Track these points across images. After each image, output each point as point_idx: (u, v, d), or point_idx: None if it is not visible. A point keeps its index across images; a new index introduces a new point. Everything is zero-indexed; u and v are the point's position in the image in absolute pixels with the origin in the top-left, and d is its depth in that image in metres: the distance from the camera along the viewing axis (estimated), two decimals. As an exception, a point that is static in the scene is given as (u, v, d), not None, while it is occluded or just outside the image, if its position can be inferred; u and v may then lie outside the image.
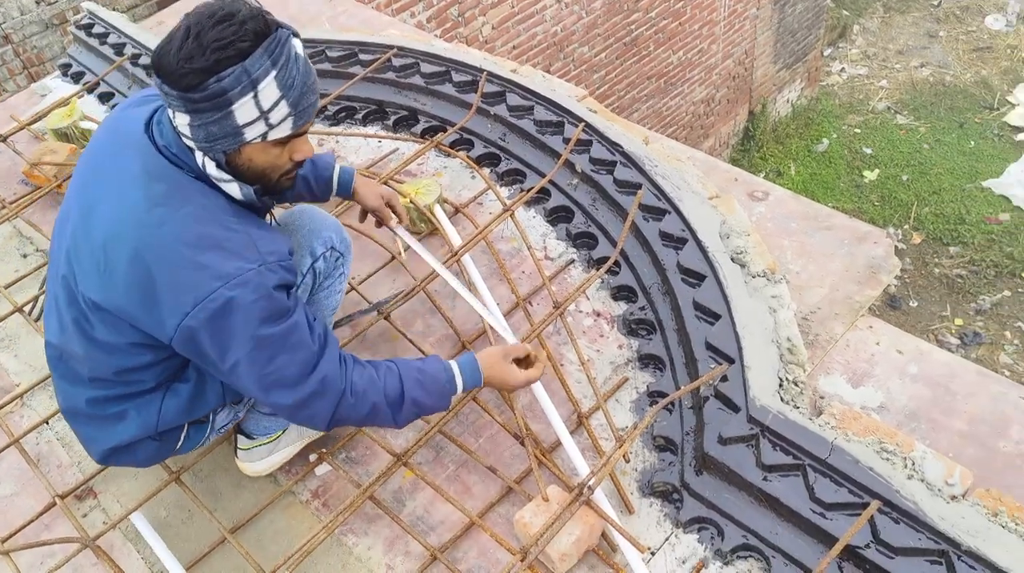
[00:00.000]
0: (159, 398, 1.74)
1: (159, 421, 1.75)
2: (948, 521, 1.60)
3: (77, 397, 1.75)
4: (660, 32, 7.76)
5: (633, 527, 1.85)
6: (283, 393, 1.62)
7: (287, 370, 1.59)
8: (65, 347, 1.72)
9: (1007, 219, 8.38)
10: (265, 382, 1.59)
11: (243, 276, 1.51)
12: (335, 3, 3.79)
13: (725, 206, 2.34)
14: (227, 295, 1.50)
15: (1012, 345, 7.38)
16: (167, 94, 1.49)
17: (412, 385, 1.76)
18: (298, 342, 1.60)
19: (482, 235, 2.47)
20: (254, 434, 2.00)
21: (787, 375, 1.93)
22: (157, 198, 1.55)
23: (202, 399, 1.79)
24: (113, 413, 1.74)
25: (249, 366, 1.57)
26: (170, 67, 1.45)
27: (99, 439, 1.78)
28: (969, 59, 10.63)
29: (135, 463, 1.88)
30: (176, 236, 1.52)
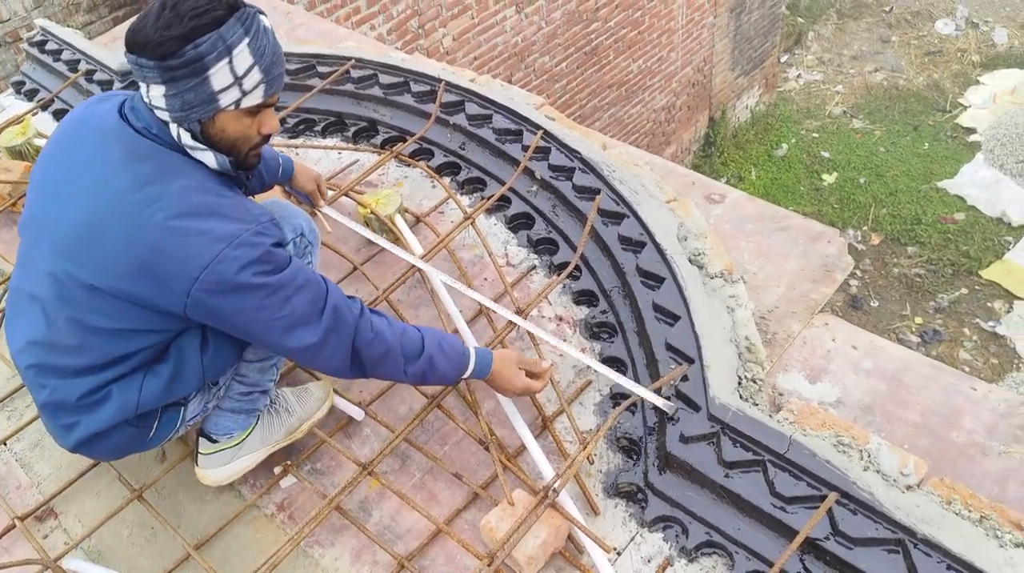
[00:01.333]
0: (139, 379, 1.75)
1: (139, 402, 1.74)
2: (904, 510, 1.64)
3: (67, 390, 1.72)
4: (620, 41, 7.85)
5: (599, 528, 1.87)
6: (303, 332, 1.69)
7: (300, 309, 1.67)
8: (54, 343, 1.70)
9: (962, 218, 8.58)
10: (284, 325, 1.67)
11: (242, 237, 1.59)
12: (292, 16, 3.79)
13: (682, 209, 2.37)
14: (232, 254, 1.57)
15: (971, 341, 7.55)
16: (142, 66, 1.56)
17: (432, 344, 1.88)
18: (304, 283, 1.69)
19: (443, 244, 2.48)
20: (216, 436, 1.98)
21: (746, 373, 1.97)
22: (147, 177, 1.60)
23: (182, 379, 1.78)
24: (97, 398, 1.73)
25: (267, 315, 1.65)
26: (147, 37, 1.53)
27: (78, 426, 1.76)
28: (921, 63, 10.89)
29: (107, 452, 1.86)
30: (173, 209, 1.58)
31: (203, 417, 1.96)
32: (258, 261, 1.60)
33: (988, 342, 7.52)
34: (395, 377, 1.89)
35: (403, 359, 1.85)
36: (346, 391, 2.22)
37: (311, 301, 1.70)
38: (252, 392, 1.98)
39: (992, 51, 10.87)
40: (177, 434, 1.92)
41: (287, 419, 2.07)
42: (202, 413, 1.94)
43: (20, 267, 1.78)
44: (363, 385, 2.25)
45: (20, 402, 2.39)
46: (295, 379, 2.26)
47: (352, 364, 1.80)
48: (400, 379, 1.90)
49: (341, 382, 2.26)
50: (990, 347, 7.48)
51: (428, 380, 1.92)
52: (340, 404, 2.16)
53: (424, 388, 2.17)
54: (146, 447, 1.90)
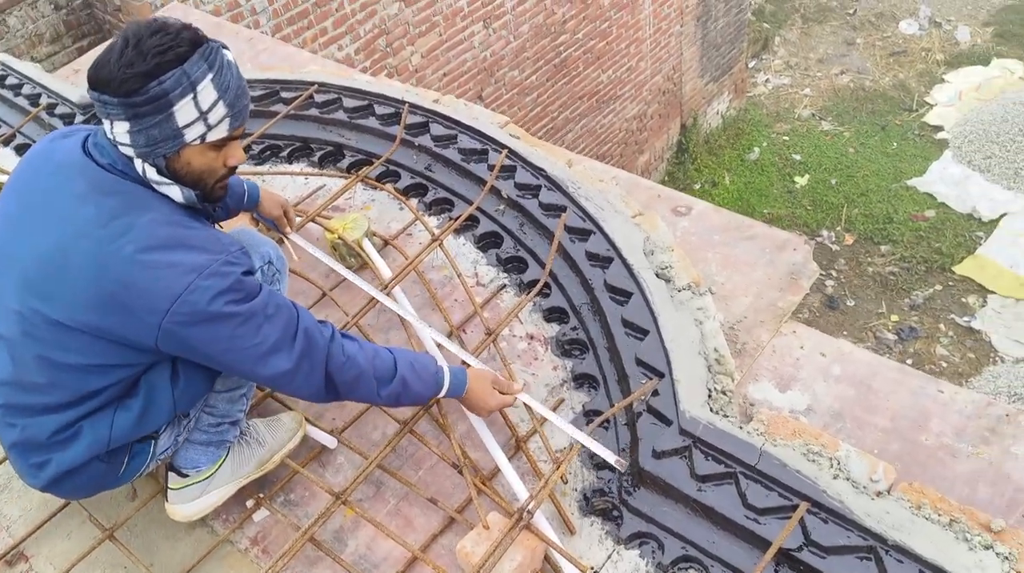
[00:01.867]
0: (110, 414, 1.73)
1: (111, 437, 1.72)
2: (874, 517, 1.65)
3: (37, 428, 1.69)
4: (588, 52, 7.90)
5: (575, 547, 1.86)
6: (277, 359, 1.69)
7: (273, 336, 1.68)
8: (22, 382, 1.68)
9: (933, 215, 8.69)
10: (258, 353, 1.67)
11: (212, 267, 1.59)
12: (255, 42, 3.78)
13: (648, 223, 2.38)
14: (203, 285, 1.57)
15: (947, 337, 7.63)
16: (105, 103, 1.56)
17: (404, 365, 1.89)
18: (275, 310, 1.69)
19: (412, 266, 2.48)
20: (185, 470, 1.96)
21: (715, 385, 1.97)
22: (113, 211, 1.60)
23: (153, 412, 1.77)
24: (68, 435, 1.71)
25: (240, 344, 1.64)
26: (110, 75, 1.54)
27: (49, 464, 1.73)
28: (886, 64, 11.03)
29: (78, 490, 1.83)
30: (141, 242, 1.57)
31: (174, 450, 1.94)
32: (229, 290, 1.60)
33: (964, 337, 7.60)
34: (370, 399, 1.89)
35: (376, 381, 1.85)
36: (318, 419, 2.21)
37: (283, 327, 1.70)
38: (222, 423, 1.96)
39: (956, 49, 11.03)
40: (148, 469, 1.90)
41: (258, 450, 2.05)
42: (173, 446, 1.92)
43: None
44: (335, 413, 2.24)
45: (-13, 444, 2.35)
46: (266, 410, 2.25)
47: (326, 388, 1.80)
48: (375, 401, 1.90)
49: (313, 410, 2.24)
50: (966, 342, 7.56)
51: (403, 401, 1.93)
52: (312, 433, 2.14)
53: (396, 413, 2.16)
54: (117, 483, 1.88)
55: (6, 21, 4.89)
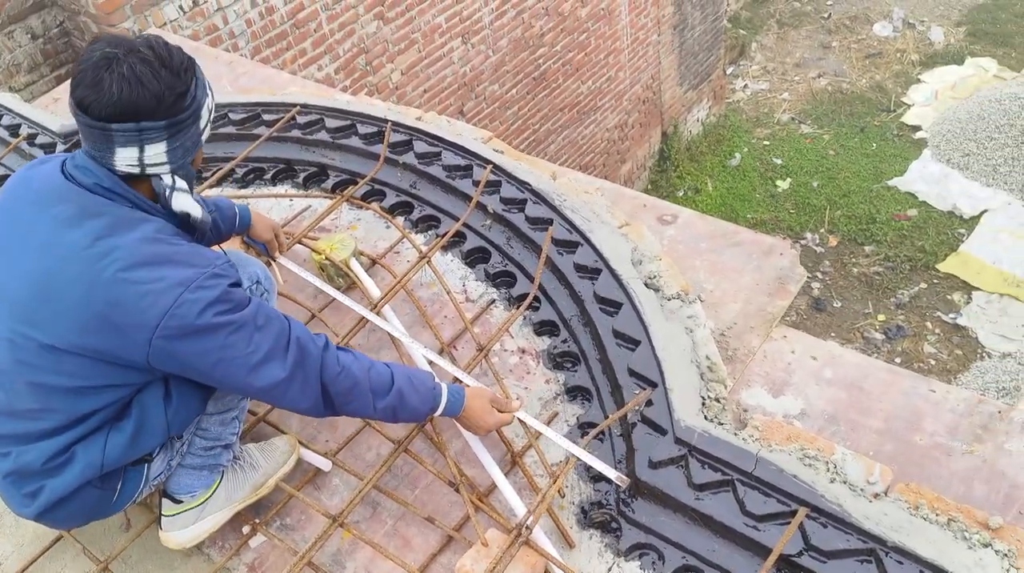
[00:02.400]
0: (103, 438, 1.71)
1: (104, 460, 1.70)
2: (873, 520, 1.65)
3: (31, 455, 1.67)
4: (567, 64, 7.94)
5: (575, 561, 1.86)
6: (270, 368, 1.68)
7: (265, 345, 1.67)
8: (14, 410, 1.66)
9: (915, 214, 8.76)
10: (250, 364, 1.65)
11: (199, 280, 1.59)
12: (235, 66, 3.78)
13: (635, 233, 2.39)
14: (191, 298, 1.57)
15: (934, 334, 7.68)
16: (145, 129, 1.59)
17: (402, 378, 1.87)
18: (266, 320, 1.69)
19: (401, 285, 2.47)
20: (179, 495, 1.94)
21: (709, 393, 1.98)
22: (99, 231, 1.59)
23: (146, 433, 1.74)
24: (61, 461, 1.69)
25: (232, 354, 1.63)
26: (157, 100, 1.57)
27: (42, 492, 1.70)
28: (862, 66, 11.15)
29: (71, 518, 1.80)
30: (127, 260, 1.57)
31: (167, 476, 1.92)
32: (217, 301, 1.60)
33: (951, 334, 7.65)
34: (366, 413, 1.87)
35: (372, 394, 1.83)
36: (311, 442, 2.20)
37: (275, 337, 1.69)
38: (214, 447, 1.94)
39: (930, 49, 11.17)
40: (142, 495, 1.88)
41: (252, 475, 2.04)
42: (166, 471, 1.90)
43: None
44: (329, 434, 2.22)
45: (-24, 480, 2.32)
46: (259, 434, 2.23)
47: (323, 400, 1.78)
48: (371, 415, 1.87)
49: (306, 433, 2.23)
50: (953, 339, 7.61)
51: (399, 416, 1.90)
52: (306, 456, 2.13)
53: (390, 432, 2.15)
54: (111, 511, 1.85)
55: (-17, 52, 4.86)
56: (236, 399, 1.95)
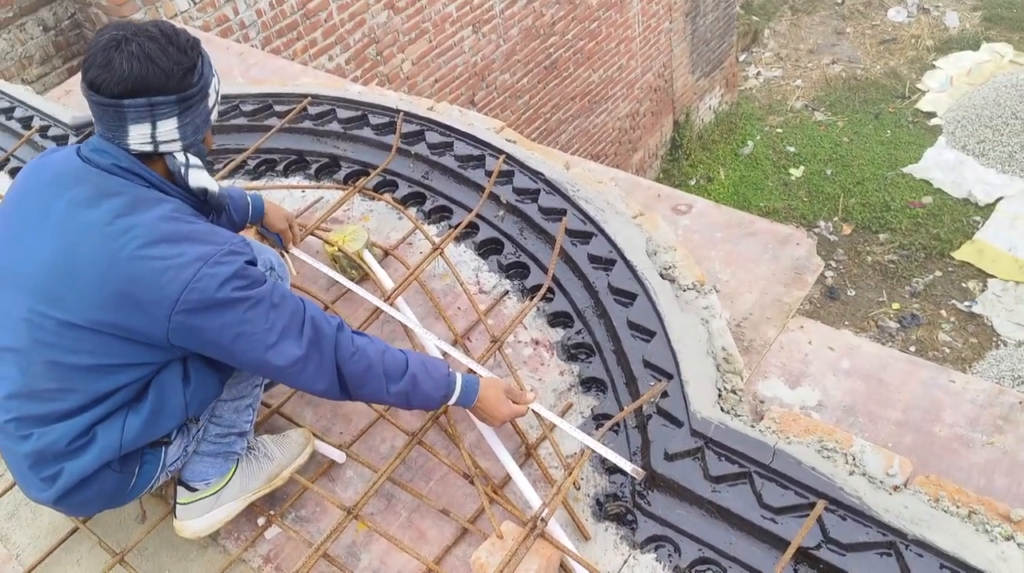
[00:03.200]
0: (122, 418, 1.72)
1: (122, 441, 1.71)
2: (892, 512, 1.63)
3: (52, 436, 1.67)
4: (579, 53, 7.89)
5: (591, 553, 1.85)
6: (287, 346, 1.69)
7: (281, 321, 1.69)
8: (33, 391, 1.67)
9: (929, 202, 8.68)
10: (268, 340, 1.68)
11: (216, 256, 1.62)
12: (246, 57, 3.77)
13: (650, 223, 2.37)
14: (209, 273, 1.60)
15: (949, 322, 7.62)
16: (156, 105, 1.63)
17: (416, 364, 1.88)
18: (281, 298, 1.71)
19: (414, 276, 2.46)
20: (194, 484, 1.95)
21: (725, 384, 1.96)
22: (117, 210, 1.62)
23: (164, 414, 1.76)
24: (84, 442, 1.70)
25: (250, 329, 1.65)
26: (166, 75, 1.62)
27: (62, 474, 1.71)
28: (877, 52, 11.04)
29: (89, 503, 1.80)
30: (145, 237, 1.60)
31: (182, 462, 1.92)
32: (235, 276, 1.63)
33: (966, 322, 7.59)
34: (379, 397, 1.86)
35: (385, 378, 1.83)
36: (326, 434, 2.19)
37: (290, 314, 1.71)
38: (228, 434, 1.95)
39: (945, 35, 11.04)
40: (158, 482, 1.88)
41: (267, 465, 2.04)
42: (182, 457, 1.90)
43: None
44: (343, 427, 2.22)
45: (-7, 472, 2.33)
46: (273, 426, 2.23)
47: (338, 381, 1.79)
48: (384, 400, 1.87)
49: (320, 425, 2.23)
50: (968, 327, 7.55)
51: (413, 401, 1.89)
52: (321, 448, 2.13)
53: (404, 424, 2.15)
54: (127, 498, 1.85)
55: (-6, 44, 4.87)
56: (250, 386, 1.95)
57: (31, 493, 1.78)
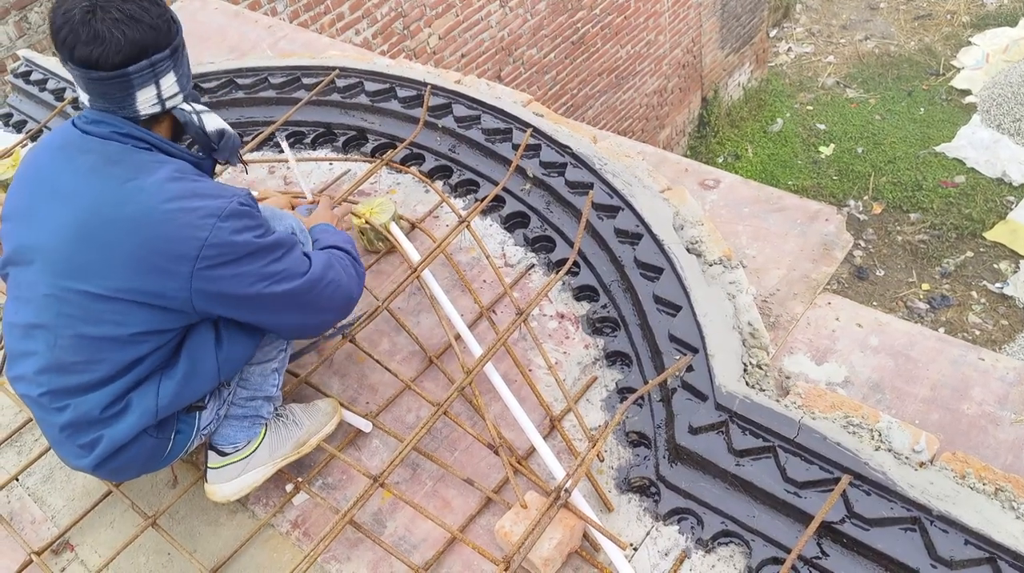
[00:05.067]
0: (155, 384, 1.76)
1: (158, 406, 1.75)
2: (918, 488, 1.63)
3: (88, 405, 1.71)
4: (606, 28, 7.82)
5: (614, 524, 1.86)
6: (312, 282, 1.80)
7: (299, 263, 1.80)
8: (63, 364, 1.70)
9: (962, 181, 8.54)
10: (292, 274, 1.76)
11: (228, 208, 1.66)
12: (274, 29, 3.77)
13: (677, 198, 2.36)
14: (225, 225, 1.65)
15: (979, 304, 7.51)
16: (156, 63, 1.67)
17: (335, 251, 2.01)
18: (292, 243, 1.81)
19: (440, 249, 2.47)
20: (223, 448, 1.99)
21: (751, 359, 1.95)
22: (125, 176, 1.66)
23: (197, 378, 1.79)
24: (119, 409, 1.74)
25: (273, 269, 1.73)
26: (155, 31, 1.65)
27: (101, 441, 1.74)
28: (911, 28, 10.82)
29: (126, 468, 1.83)
30: (157, 197, 1.63)
31: (215, 426, 1.95)
32: (250, 227, 1.70)
33: (997, 304, 7.48)
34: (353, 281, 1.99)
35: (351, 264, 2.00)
36: (352, 404, 2.22)
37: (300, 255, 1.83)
38: (255, 398, 1.98)
39: (982, 11, 10.79)
40: (192, 445, 1.92)
41: (295, 431, 2.07)
42: (215, 421, 1.94)
43: (12, 302, 1.78)
44: (369, 397, 2.25)
45: (29, 437, 2.39)
46: (301, 396, 2.26)
47: (357, 283, 1.97)
48: None
49: (347, 395, 2.25)
50: (999, 308, 7.44)
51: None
52: (348, 417, 2.16)
53: (429, 394, 2.17)
54: (162, 463, 1.88)
55: (27, 17, 4.91)
56: (275, 350, 1.99)
57: (70, 461, 1.81)
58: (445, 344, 2.30)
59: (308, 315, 1.86)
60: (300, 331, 1.97)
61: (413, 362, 2.30)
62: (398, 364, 2.29)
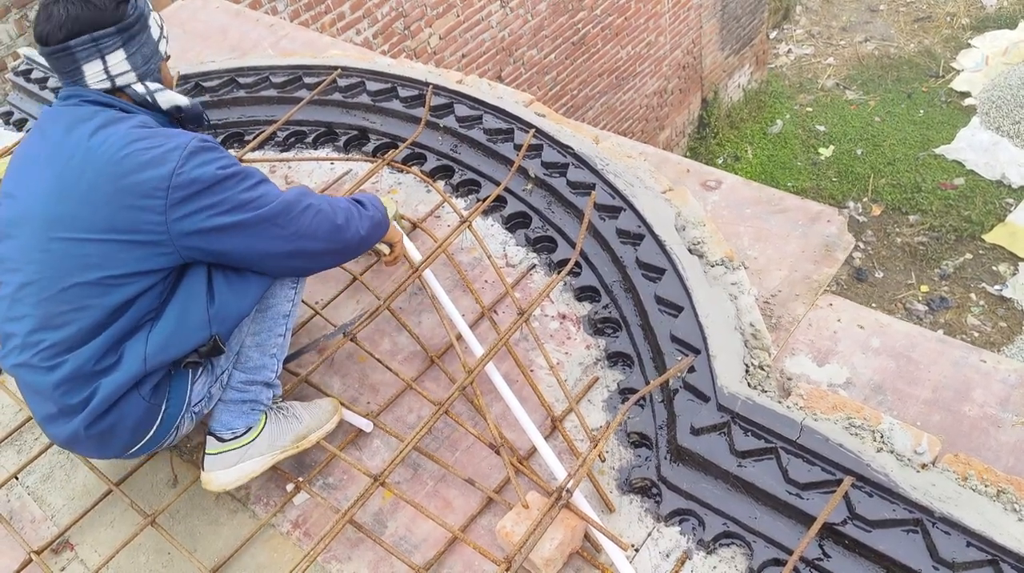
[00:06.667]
0: (146, 332, 1.78)
1: (146, 354, 1.76)
2: (920, 490, 1.63)
3: (83, 357, 1.72)
4: (607, 29, 7.82)
5: (615, 525, 1.86)
6: (287, 203, 1.83)
7: (273, 190, 1.83)
8: (53, 317, 1.72)
9: (961, 183, 8.54)
10: (266, 201, 1.79)
11: (193, 143, 1.74)
12: (276, 28, 3.77)
13: (679, 198, 2.36)
14: (192, 158, 1.71)
15: (978, 306, 7.52)
16: (99, 39, 1.79)
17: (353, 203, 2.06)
18: (263, 175, 1.85)
19: (442, 249, 2.47)
20: (221, 433, 1.98)
21: (752, 360, 1.95)
22: (94, 128, 1.75)
23: (185, 327, 1.80)
24: (114, 361, 1.75)
25: (246, 197, 1.76)
26: (98, 11, 1.77)
27: (96, 395, 1.74)
28: (911, 30, 10.82)
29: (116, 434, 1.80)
30: (125, 138, 1.73)
31: (207, 406, 1.95)
32: (217, 159, 1.75)
33: (996, 306, 7.49)
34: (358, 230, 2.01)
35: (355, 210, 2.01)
36: (353, 403, 2.22)
37: (272, 187, 1.85)
38: (253, 382, 1.99)
39: (981, 13, 10.80)
40: (183, 425, 1.91)
41: (295, 425, 2.07)
42: (207, 399, 1.94)
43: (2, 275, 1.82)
44: (370, 397, 2.24)
45: (29, 436, 2.39)
46: (301, 395, 2.26)
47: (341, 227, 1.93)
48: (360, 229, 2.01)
49: (348, 395, 2.25)
50: (998, 311, 7.45)
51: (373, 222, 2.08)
52: (348, 417, 2.15)
53: (431, 394, 2.16)
54: (152, 440, 1.86)
55: (28, 15, 4.90)
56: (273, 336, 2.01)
57: (58, 429, 1.80)
58: (446, 344, 2.30)
59: (290, 241, 1.85)
60: (288, 264, 1.92)
61: (414, 362, 2.30)
62: (399, 364, 2.29)
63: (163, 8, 4.18)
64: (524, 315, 2.26)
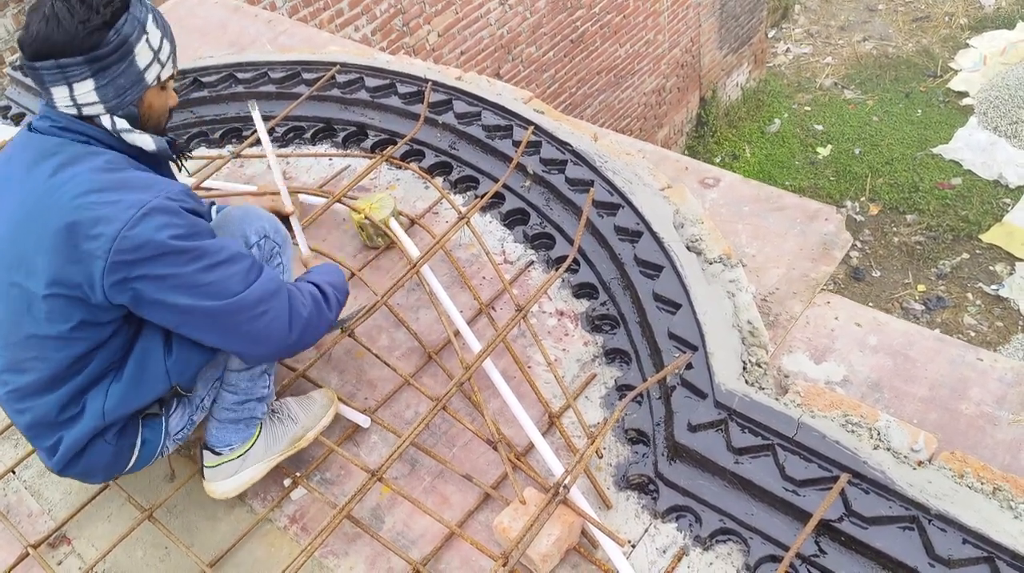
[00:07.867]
0: (106, 386, 1.74)
1: (104, 408, 1.72)
2: (916, 487, 1.63)
3: (46, 406, 1.71)
4: (605, 27, 7.81)
5: (612, 521, 1.86)
6: (242, 305, 1.66)
7: (232, 281, 1.65)
8: (18, 363, 1.70)
9: (959, 183, 8.55)
10: (219, 291, 1.63)
11: (153, 202, 1.58)
12: (274, 24, 3.77)
13: (677, 196, 2.36)
14: (144, 219, 1.56)
15: (975, 306, 7.53)
16: (65, 67, 1.60)
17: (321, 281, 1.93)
18: (232, 257, 1.67)
19: (440, 245, 2.47)
20: (218, 448, 1.98)
21: (750, 357, 1.96)
22: (55, 167, 1.63)
23: (145, 382, 1.75)
24: (76, 412, 1.73)
25: (190, 280, 1.61)
26: (70, 36, 1.58)
27: (61, 444, 1.74)
28: (909, 30, 10.83)
29: (93, 473, 1.82)
30: (82, 186, 1.59)
31: (190, 430, 1.94)
32: (174, 225, 1.59)
33: (992, 305, 7.50)
34: (324, 324, 1.87)
35: (324, 302, 1.87)
36: (351, 399, 2.22)
37: (244, 271, 1.68)
38: (247, 401, 1.97)
39: (979, 13, 10.81)
40: (167, 450, 1.91)
41: (291, 428, 2.07)
42: (188, 426, 1.93)
43: None
44: (368, 393, 2.24)
45: (26, 429, 2.38)
46: (298, 389, 2.26)
47: (296, 330, 1.76)
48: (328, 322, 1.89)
49: (345, 390, 2.25)
50: (994, 310, 7.46)
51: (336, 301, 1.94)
52: (345, 412, 2.16)
53: (428, 390, 2.16)
54: (136, 466, 1.88)
55: (26, 10, 4.90)
56: None
57: (44, 462, 1.82)
58: (444, 340, 2.30)
59: (232, 340, 1.72)
60: (224, 349, 1.79)
61: (412, 358, 2.30)
62: (397, 360, 2.29)
63: (161, 3, 4.17)
64: (522, 312, 2.26)
